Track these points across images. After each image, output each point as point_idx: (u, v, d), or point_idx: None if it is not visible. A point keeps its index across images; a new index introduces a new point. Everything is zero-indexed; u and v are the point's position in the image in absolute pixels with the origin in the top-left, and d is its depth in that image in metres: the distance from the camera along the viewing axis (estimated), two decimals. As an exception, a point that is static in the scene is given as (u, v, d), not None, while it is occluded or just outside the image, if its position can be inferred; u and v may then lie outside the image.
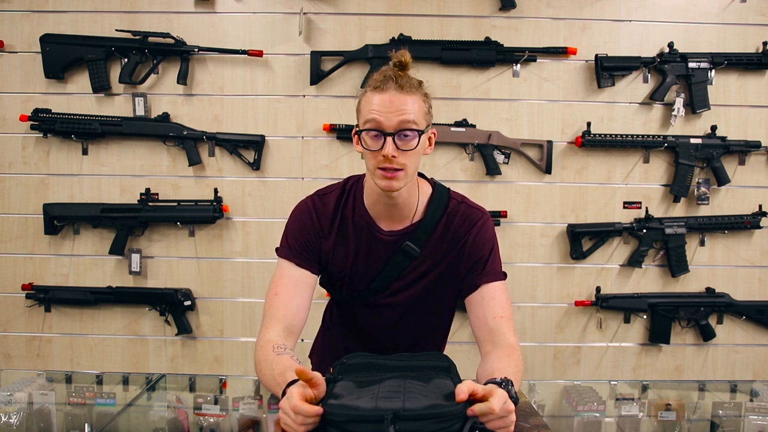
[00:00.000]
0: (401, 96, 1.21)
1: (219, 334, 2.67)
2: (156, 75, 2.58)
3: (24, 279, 2.64)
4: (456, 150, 2.61)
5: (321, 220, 1.35)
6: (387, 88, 1.21)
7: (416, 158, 1.25)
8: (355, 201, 1.36)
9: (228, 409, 1.66)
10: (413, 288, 1.37)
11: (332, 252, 1.36)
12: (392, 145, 1.20)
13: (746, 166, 2.63)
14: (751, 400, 2.00)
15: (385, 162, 1.20)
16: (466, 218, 1.35)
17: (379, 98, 1.21)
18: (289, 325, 1.28)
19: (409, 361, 1.14)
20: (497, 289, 1.33)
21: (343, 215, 1.36)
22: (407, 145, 1.21)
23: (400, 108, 1.20)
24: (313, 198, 1.38)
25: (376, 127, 1.20)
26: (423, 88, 1.27)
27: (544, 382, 2.63)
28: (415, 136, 1.21)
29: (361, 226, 1.35)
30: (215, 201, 2.57)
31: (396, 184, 1.23)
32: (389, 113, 1.20)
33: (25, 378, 1.98)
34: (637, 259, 2.61)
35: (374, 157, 1.22)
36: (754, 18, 2.60)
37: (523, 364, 1.23)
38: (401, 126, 1.20)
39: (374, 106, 1.21)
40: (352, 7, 2.58)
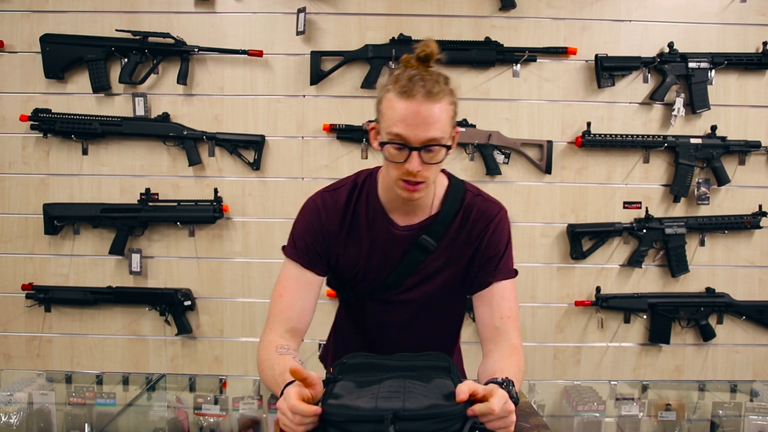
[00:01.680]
0: (429, 106, 1.13)
1: (219, 334, 2.67)
2: (156, 75, 2.58)
3: (24, 279, 2.64)
4: (456, 150, 2.61)
5: (330, 219, 1.30)
6: (414, 94, 1.13)
7: (439, 168, 1.22)
8: (369, 196, 1.32)
9: (228, 409, 1.67)
10: (428, 284, 1.34)
11: (343, 249, 1.32)
12: (418, 160, 1.14)
13: (746, 166, 2.63)
14: (751, 400, 2.00)
15: (409, 176, 1.16)
16: (483, 213, 1.32)
17: (405, 108, 1.13)
18: (293, 328, 1.27)
19: (410, 361, 1.13)
20: (507, 288, 1.31)
21: (355, 210, 1.31)
22: (433, 158, 1.16)
23: (427, 121, 1.13)
24: (322, 195, 1.33)
25: (401, 141, 1.14)
26: (449, 85, 1.21)
27: (544, 382, 2.63)
28: (441, 150, 1.17)
29: (374, 221, 1.31)
30: (215, 201, 2.57)
31: (417, 195, 1.20)
32: (416, 128, 1.13)
33: (25, 378, 1.98)
34: (637, 259, 2.61)
35: (397, 168, 1.17)
36: (754, 18, 2.60)
37: (525, 365, 1.22)
38: (428, 142, 1.14)
39: (399, 117, 1.13)
40: (352, 7, 2.58)
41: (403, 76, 1.16)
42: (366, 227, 1.31)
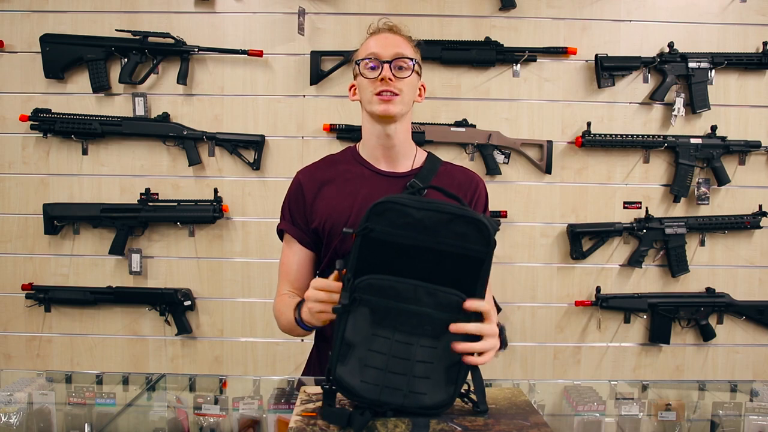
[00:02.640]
0: (396, 35, 1.35)
1: (219, 334, 2.67)
2: (156, 75, 2.58)
3: (24, 279, 2.64)
4: (456, 150, 2.61)
5: (310, 181, 1.40)
6: (382, 31, 1.36)
7: (411, 89, 1.34)
8: (352, 156, 1.43)
9: (228, 409, 1.66)
10: None
11: (328, 202, 1.37)
12: (389, 69, 1.30)
13: (746, 166, 2.63)
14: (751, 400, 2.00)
15: (383, 85, 1.29)
16: (467, 174, 1.44)
17: (375, 38, 1.35)
18: (297, 287, 1.40)
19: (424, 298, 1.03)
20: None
21: (336, 168, 1.41)
22: (402, 73, 1.31)
23: (395, 43, 1.33)
24: (303, 169, 1.45)
25: (373, 56, 1.31)
26: (414, 41, 1.39)
27: (544, 382, 2.62)
28: (410, 66, 1.32)
29: (359, 172, 1.40)
30: (215, 201, 2.57)
31: (392, 108, 1.30)
32: (386, 46, 1.32)
33: (25, 378, 1.97)
34: (637, 259, 2.61)
35: (372, 84, 1.31)
36: (754, 18, 2.60)
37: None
38: (397, 56, 1.31)
39: (371, 44, 1.33)
40: (352, 7, 2.58)
41: (372, 28, 1.40)
42: (350, 177, 1.39)
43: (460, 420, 1.02)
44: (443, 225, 1.00)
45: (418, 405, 1.01)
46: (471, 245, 1.00)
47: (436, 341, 1.00)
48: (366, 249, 1.01)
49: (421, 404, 1.01)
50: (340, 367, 1.01)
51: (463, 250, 1.00)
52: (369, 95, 1.31)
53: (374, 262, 1.01)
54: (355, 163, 1.42)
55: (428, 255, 1.00)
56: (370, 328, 1.00)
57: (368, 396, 1.00)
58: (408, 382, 1.00)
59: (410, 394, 1.01)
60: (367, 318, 1.00)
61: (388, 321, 1.00)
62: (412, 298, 1.00)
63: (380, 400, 1.00)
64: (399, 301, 1.00)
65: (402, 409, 1.01)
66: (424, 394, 1.01)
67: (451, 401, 1.03)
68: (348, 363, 1.01)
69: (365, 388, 1.00)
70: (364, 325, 1.00)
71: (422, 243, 1.00)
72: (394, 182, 1.38)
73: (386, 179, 1.38)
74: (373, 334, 1.00)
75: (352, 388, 1.01)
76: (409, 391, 1.00)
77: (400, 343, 1.00)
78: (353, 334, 1.00)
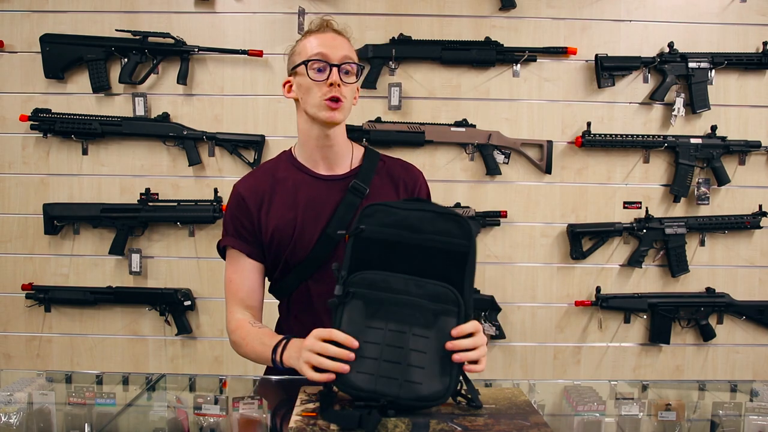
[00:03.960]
0: (341, 37, 1.33)
1: (219, 334, 2.67)
2: (156, 75, 2.58)
3: (24, 279, 2.64)
4: (456, 150, 2.61)
5: (251, 194, 1.37)
6: (325, 30, 1.32)
7: (353, 95, 1.34)
8: (289, 162, 1.41)
9: (228, 409, 1.66)
10: None
11: (272, 213, 1.36)
12: (338, 74, 1.28)
13: (746, 166, 2.63)
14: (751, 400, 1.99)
15: (332, 91, 1.28)
16: (406, 168, 1.45)
17: (320, 37, 1.31)
18: (248, 306, 1.37)
19: (416, 295, 1.07)
20: None
21: (275, 177, 1.39)
22: (349, 78, 1.31)
23: (342, 45, 1.31)
24: (240, 181, 1.42)
25: (322, 59, 1.28)
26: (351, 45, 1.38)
27: (544, 382, 2.62)
28: (356, 69, 1.32)
29: (299, 179, 1.38)
30: (215, 201, 2.57)
31: (338, 115, 1.30)
32: (333, 48, 1.29)
33: (25, 378, 1.97)
34: (637, 259, 2.61)
35: (320, 89, 1.29)
36: (754, 18, 2.60)
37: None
38: (345, 59, 1.30)
39: (317, 44, 1.30)
40: (352, 7, 2.58)
41: (312, 25, 1.35)
42: (290, 186, 1.38)
43: (460, 420, 1.02)
44: (427, 222, 1.06)
45: (414, 396, 1.01)
46: (454, 239, 1.06)
47: (428, 330, 1.03)
48: (358, 248, 1.07)
49: (417, 394, 1.01)
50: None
51: (447, 245, 1.06)
52: (316, 99, 1.30)
53: (367, 260, 1.06)
54: (293, 169, 1.40)
55: (416, 252, 1.06)
56: (364, 320, 1.04)
57: (364, 386, 1.01)
58: (402, 371, 1.01)
59: (405, 384, 1.01)
60: (361, 310, 1.04)
61: (381, 312, 1.04)
62: (403, 290, 1.05)
63: (376, 390, 1.00)
64: (391, 293, 1.05)
65: (398, 401, 1.00)
66: (419, 383, 1.02)
67: (446, 393, 1.02)
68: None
69: (361, 379, 1.01)
70: (358, 317, 1.04)
71: (410, 240, 1.06)
72: (334, 185, 1.37)
73: (326, 183, 1.38)
74: (367, 326, 1.04)
75: (348, 380, 1.01)
76: (405, 380, 1.01)
77: (393, 332, 1.03)
78: (348, 326, 1.04)
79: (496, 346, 2.65)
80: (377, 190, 1.38)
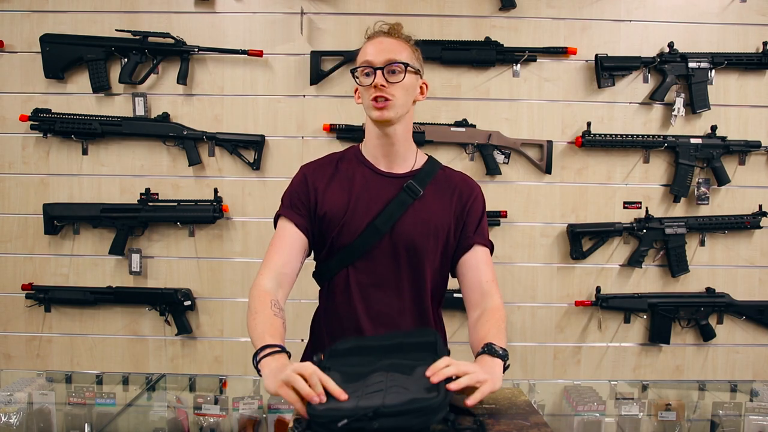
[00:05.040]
0: (390, 39, 1.37)
1: (219, 334, 2.67)
2: (156, 75, 2.58)
3: (24, 279, 2.64)
4: (456, 150, 2.61)
5: (315, 174, 1.44)
6: (377, 34, 1.38)
7: (405, 92, 1.36)
8: (354, 155, 1.47)
9: (228, 409, 1.66)
10: (416, 231, 1.39)
11: (329, 195, 1.41)
12: (381, 76, 1.33)
13: (746, 166, 2.63)
14: (751, 400, 2.00)
15: (376, 92, 1.33)
16: (465, 180, 1.48)
17: (370, 44, 1.37)
18: (280, 273, 1.38)
19: (397, 339, 1.17)
20: (488, 255, 1.44)
21: (339, 166, 1.45)
22: (395, 77, 1.34)
23: (388, 48, 1.35)
24: (308, 164, 1.49)
25: (367, 65, 1.34)
26: (412, 39, 1.42)
27: (544, 382, 2.63)
28: (402, 69, 1.34)
29: (359, 171, 1.43)
30: (215, 201, 2.57)
31: (387, 113, 1.34)
32: (379, 52, 1.34)
33: (25, 378, 1.98)
34: (637, 259, 2.61)
35: (367, 92, 1.35)
36: (754, 18, 2.60)
37: (506, 314, 1.36)
38: (389, 61, 1.33)
39: (366, 51, 1.36)
40: (352, 7, 2.58)
41: (370, 31, 1.41)
42: (351, 174, 1.44)
43: (460, 420, 1.02)
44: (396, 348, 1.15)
45: (403, 400, 0.95)
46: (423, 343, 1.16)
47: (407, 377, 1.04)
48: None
49: (405, 398, 0.95)
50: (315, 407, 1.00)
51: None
52: (367, 101, 1.36)
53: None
54: (356, 162, 1.46)
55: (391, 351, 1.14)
56: (343, 383, 1.04)
57: (345, 406, 0.96)
58: (385, 389, 0.99)
59: (390, 392, 0.98)
60: (338, 379, 1.04)
61: (359, 377, 1.07)
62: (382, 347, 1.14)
63: (358, 405, 0.95)
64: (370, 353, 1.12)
65: (384, 410, 0.93)
66: (406, 389, 0.98)
67: (442, 402, 0.96)
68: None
69: (341, 403, 0.98)
70: (336, 378, 1.05)
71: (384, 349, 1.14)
72: (391, 182, 1.42)
73: (384, 178, 1.42)
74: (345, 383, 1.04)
75: (333, 410, 0.96)
76: (389, 392, 0.98)
77: (372, 383, 1.03)
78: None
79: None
80: (431, 195, 1.42)
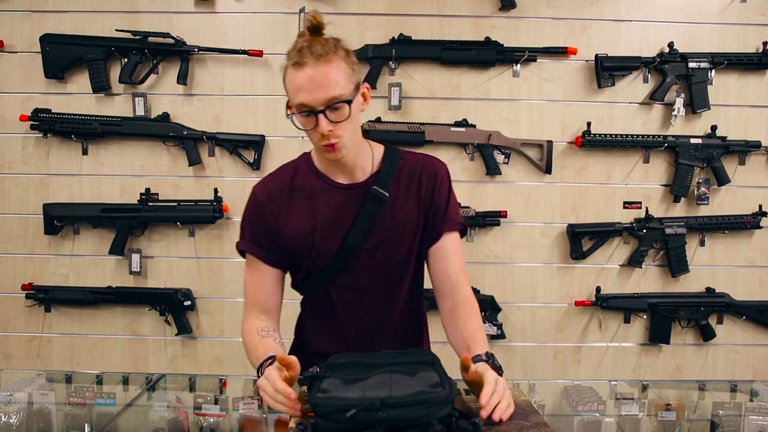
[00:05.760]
0: (321, 68, 1.18)
1: (219, 334, 2.67)
2: (156, 75, 2.58)
3: (24, 279, 2.64)
4: (456, 150, 2.61)
5: (270, 199, 1.35)
6: (305, 61, 1.18)
7: (353, 124, 1.26)
8: (308, 166, 1.38)
9: (228, 409, 1.66)
10: (389, 240, 1.34)
11: (290, 221, 1.34)
12: (325, 120, 1.20)
13: (746, 166, 2.63)
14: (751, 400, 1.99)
15: (324, 140, 1.22)
16: (424, 164, 1.38)
17: (300, 76, 1.19)
18: (265, 309, 1.36)
19: (394, 358, 1.17)
20: (456, 241, 1.37)
21: (293, 184, 1.36)
22: (339, 116, 1.21)
23: (323, 83, 1.18)
24: (261, 181, 1.39)
25: (305, 108, 1.20)
26: (342, 46, 1.25)
27: (544, 382, 2.63)
28: (344, 106, 1.21)
29: (318, 187, 1.35)
30: (215, 201, 2.57)
31: (340, 154, 1.26)
32: (314, 91, 1.18)
33: (25, 378, 1.97)
34: (637, 259, 2.61)
35: (314, 135, 1.24)
36: (754, 18, 2.60)
37: (477, 303, 1.37)
38: (329, 102, 1.19)
39: (297, 87, 1.19)
40: (352, 7, 2.58)
41: (294, 49, 1.22)
42: (309, 194, 1.35)
43: (460, 420, 1.02)
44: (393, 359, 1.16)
45: (409, 392, 0.96)
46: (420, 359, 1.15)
47: (411, 377, 1.05)
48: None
49: (411, 391, 0.97)
50: (319, 394, 1.01)
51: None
52: (314, 142, 1.27)
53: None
54: (312, 176, 1.36)
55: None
56: (343, 385, 1.05)
57: (351, 396, 0.97)
58: (390, 384, 1.01)
59: (396, 386, 0.99)
60: (338, 383, 1.06)
61: (360, 378, 1.07)
62: (380, 364, 1.13)
63: (365, 396, 0.96)
64: (368, 369, 1.11)
65: (390, 401, 0.93)
66: (410, 385, 1.00)
67: (448, 397, 0.97)
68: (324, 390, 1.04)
69: (347, 394, 0.99)
70: (337, 383, 1.06)
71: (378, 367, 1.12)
72: (353, 193, 1.33)
73: (345, 191, 1.34)
74: (346, 388, 1.04)
75: (335, 398, 0.97)
76: (393, 385, 1.00)
77: (374, 385, 1.03)
78: (327, 386, 1.05)
79: (496, 346, 2.65)
80: (396, 193, 1.34)
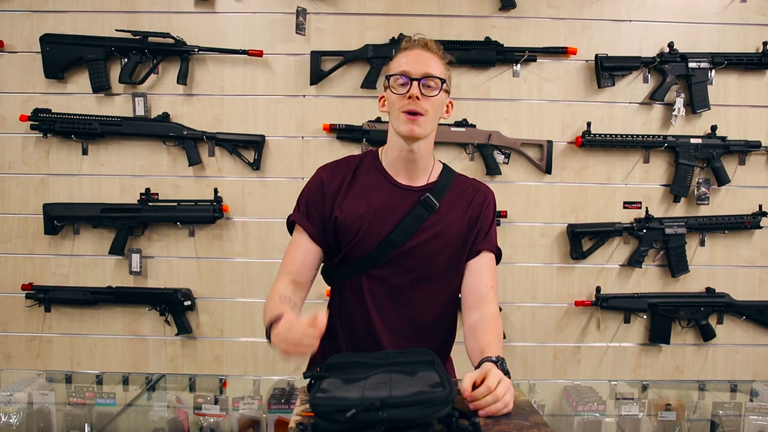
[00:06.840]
0: (427, 53, 1.35)
1: (219, 334, 2.67)
2: (156, 75, 2.58)
3: (24, 279, 2.64)
4: (456, 150, 2.61)
5: (332, 180, 1.42)
6: (414, 46, 1.36)
7: (436, 108, 1.35)
8: (373, 163, 1.45)
9: (228, 409, 1.67)
10: (431, 245, 1.39)
11: (344, 205, 1.40)
12: (417, 88, 1.31)
13: (746, 166, 2.63)
14: (751, 400, 2.00)
15: (410, 104, 1.31)
16: (477, 188, 1.47)
17: (407, 53, 1.35)
18: (295, 279, 1.40)
19: (394, 358, 1.18)
20: (492, 261, 1.44)
21: (356, 173, 1.43)
22: (430, 92, 1.33)
23: (425, 62, 1.34)
24: (325, 166, 1.46)
25: (404, 74, 1.32)
26: (446, 56, 1.40)
27: (544, 382, 2.63)
28: (438, 85, 1.33)
29: (378, 182, 1.42)
30: (215, 201, 2.57)
31: (417, 129, 1.33)
32: (416, 64, 1.33)
33: (25, 378, 1.98)
34: (637, 259, 2.61)
35: (400, 100, 1.33)
36: (754, 18, 2.60)
37: (502, 326, 1.40)
38: (426, 74, 1.32)
39: (402, 60, 1.35)
40: (352, 7, 2.58)
41: (405, 43, 1.39)
42: (368, 185, 1.42)
43: (460, 420, 1.02)
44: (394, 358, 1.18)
45: (409, 392, 0.96)
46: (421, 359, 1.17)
47: (410, 377, 1.06)
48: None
49: (411, 391, 0.97)
50: (317, 394, 1.02)
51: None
52: (396, 112, 1.34)
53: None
54: (374, 171, 1.44)
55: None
56: (343, 384, 1.06)
57: (351, 396, 0.97)
58: (390, 384, 1.01)
59: (396, 386, 1.00)
60: (339, 383, 1.06)
61: (359, 378, 1.08)
62: (380, 364, 1.14)
63: (365, 396, 0.96)
64: (368, 368, 1.11)
65: (390, 401, 0.93)
66: (410, 385, 1.00)
67: (448, 397, 0.97)
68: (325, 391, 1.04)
69: (346, 394, 0.99)
70: (337, 383, 1.07)
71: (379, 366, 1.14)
72: (409, 195, 1.41)
73: (402, 191, 1.41)
74: (346, 388, 1.04)
75: (335, 398, 0.97)
76: (393, 385, 1.00)
77: (374, 384, 1.04)
78: (327, 386, 1.06)
79: (496, 346, 2.65)
80: (447, 206, 1.42)
